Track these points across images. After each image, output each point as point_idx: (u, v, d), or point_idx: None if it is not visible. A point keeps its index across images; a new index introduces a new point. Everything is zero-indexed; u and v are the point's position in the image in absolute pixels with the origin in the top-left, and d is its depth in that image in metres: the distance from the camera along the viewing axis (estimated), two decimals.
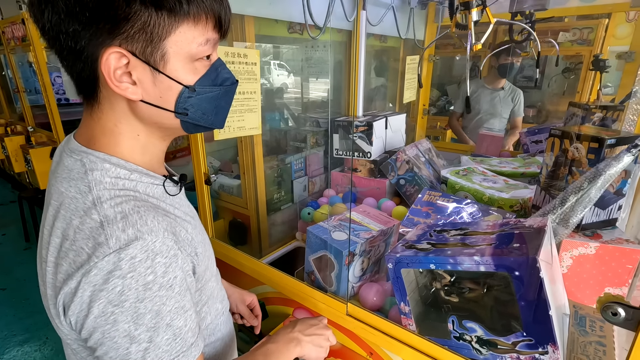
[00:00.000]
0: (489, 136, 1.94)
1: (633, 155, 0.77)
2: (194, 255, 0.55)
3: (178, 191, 0.60)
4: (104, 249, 0.45)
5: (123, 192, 0.50)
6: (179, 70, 0.50)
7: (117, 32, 0.45)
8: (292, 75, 2.12)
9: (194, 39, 0.49)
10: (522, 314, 0.63)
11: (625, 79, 1.54)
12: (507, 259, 0.62)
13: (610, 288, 0.83)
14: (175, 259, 0.50)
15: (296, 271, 1.05)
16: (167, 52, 0.48)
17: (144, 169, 0.54)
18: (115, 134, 0.52)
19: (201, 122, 0.55)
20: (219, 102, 0.56)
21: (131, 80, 0.48)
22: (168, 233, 0.50)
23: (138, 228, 0.47)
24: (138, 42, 0.46)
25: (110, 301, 0.45)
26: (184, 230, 0.54)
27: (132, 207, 0.48)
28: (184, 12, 0.47)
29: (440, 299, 0.78)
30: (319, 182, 1.76)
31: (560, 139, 0.89)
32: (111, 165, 0.51)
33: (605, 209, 0.85)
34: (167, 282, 0.48)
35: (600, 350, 0.70)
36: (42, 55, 2.70)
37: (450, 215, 1.16)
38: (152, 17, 0.45)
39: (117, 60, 0.46)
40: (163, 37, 0.47)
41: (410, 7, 1.77)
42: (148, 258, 0.46)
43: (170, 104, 0.51)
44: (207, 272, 0.62)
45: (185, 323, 0.50)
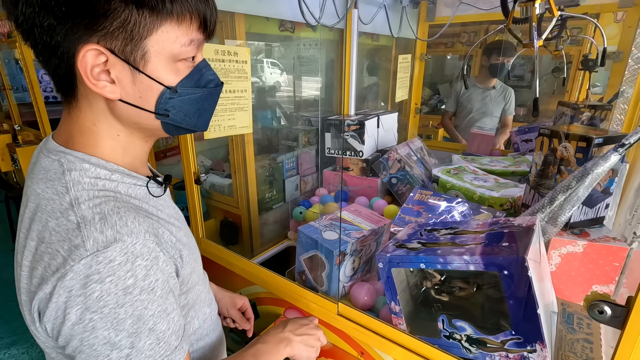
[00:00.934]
0: (480, 135, 1.95)
1: (620, 154, 0.77)
2: (177, 257, 0.53)
3: (162, 192, 0.58)
4: (80, 252, 0.43)
5: (103, 192, 0.48)
6: (160, 70, 0.48)
7: (95, 28, 0.43)
8: (284, 74, 2.11)
9: (177, 39, 0.47)
10: (511, 312, 0.63)
11: (613, 79, 1.56)
12: (496, 258, 0.62)
13: (597, 285, 0.84)
14: (157, 261, 0.48)
15: (287, 271, 1.05)
16: (148, 52, 0.46)
17: (125, 170, 0.53)
18: (95, 133, 0.50)
19: (183, 124, 0.53)
20: (202, 104, 0.54)
21: (109, 79, 0.46)
22: (149, 235, 0.48)
23: (117, 230, 0.45)
24: (117, 39, 0.44)
25: (87, 307, 0.43)
26: (168, 232, 0.52)
27: (112, 208, 0.47)
28: (167, 11, 0.45)
29: (430, 298, 0.78)
30: (311, 181, 1.75)
31: (549, 138, 0.90)
32: (90, 165, 0.49)
33: (593, 207, 0.86)
34: (148, 285, 0.46)
35: (587, 347, 0.71)
36: (28, 52, 2.64)
37: (441, 214, 1.16)
38: (133, 14, 0.43)
39: (94, 57, 0.44)
40: (144, 35, 0.45)
41: (402, 6, 1.77)
42: (128, 261, 0.45)
43: (150, 104, 0.49)
44: (194, 276, 0.60)
45: (169, 326, 0.48)
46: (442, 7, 1.91)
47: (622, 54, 1.54)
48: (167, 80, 0.49)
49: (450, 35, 2.89)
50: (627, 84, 1.11)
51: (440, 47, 3.00)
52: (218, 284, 1.24)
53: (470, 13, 1.96)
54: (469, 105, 2.28)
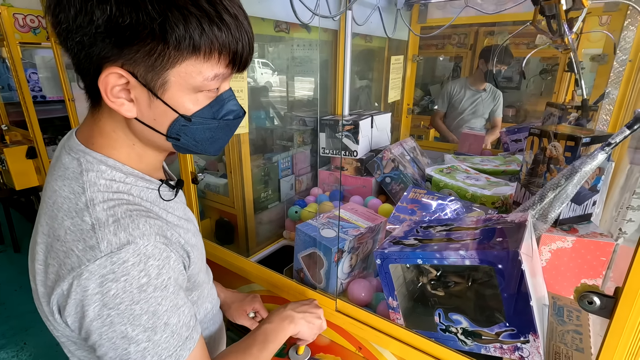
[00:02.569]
0: (471, 135, 1.99)
1: (607, 153, 0.81)
2: (185, 257, 0.56)
3: (173, 196, 0.61)
4: (95, 252, 0.45)
5: (117, 195, 0.51)
6: (177, 99, 0.49)
7: (122, 53, 0.45)
8: (279, 74, 2.12)
9: (200, 73, 0.48)
10: (505, 305, 0.65)
11: (598, 80, 1.61)
12: (491, 252, 0.64)
13: (586, 280, 0.87)
14: (168, 261, 0.51)
15: (285, 269, 1.06)
16: (169, 81, 0.47)
17: (140, 173, 0.55)
18: (113, 139, 0.53)
19: (193, 149, 0.55)
20: (216, 134, 0.55)
21: (129, 97, 0.48)
22: (160, 237, 0.50)
23: (130, 232, 0.47)
24: (140, 66, 0.46)
25: (105, 304, 0.45)
26: (176, 234, 0.55)
27: (125, 211, 0.49)
28: (193, 48, 0.45)
29: (427, 293, 0.80)
30: (306, 180, 1.77)
31: (539, 138, 0.93)
32: (107, 167, 0.51)
33: (581, 204, 0.89)
34: (161, 283, 0.49)
35: (577, 338, 0.74)
36: (16, 51, 2.59)
37: (435, 212, 1.19)
38: (159, 47, 0.44)
39: (116, 79, 0.46)
40: (167, 67, 0.46)
41: (397, 8, 1.80)
42: (141, 262, 0.47)
43: (163, 127, 0.51)
44: (200, 274, 0.63)
45: (179, 319, 0.51)
46: (434, 10, 1.94)
47: (607, 56, 1.60)
48: (184, 109, 0.50)
49: (440, 37, 2.93)
50: (612, 85, 1.16)
51: (432, 49, 3.05)
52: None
53: (461, 15, 2.01)
54: (460, 106, 2.33)
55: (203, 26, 0.45)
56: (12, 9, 2.55)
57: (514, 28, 2.54)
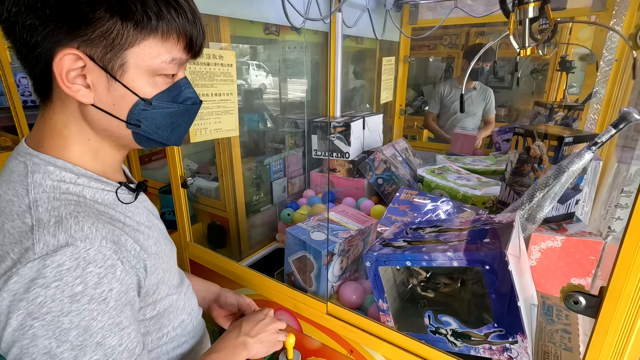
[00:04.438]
0: (463, 135, 2.00)
1: (593, 152, 0.81)
2: (140, 267, 0.51)
3: (132, 199, 0.57)
4: (29, 255, 0.41)
5: (64, 196, 0.47)
6: (136, 82, 0.48)
7: (77, 34, 0.43)
8: (270, 76, 2.11)
9: (159, 55, 0.48)
10: (493, 306, 0.65)
11: (588, 79, 1.63)
12: (478, 254, 0.65)
13: (575, 278, 0.87)
14: (113, 270, 0.46)
15: (276, 272, 1.05)
16: (127, 62, 0.47)
17: (94, 174, 0.52)
18: (65, 135, 0.50)
19: (154, 137, 0.53)
20: (177, 120, 0.54)
21: (85, 83, 0.47)
22: (107, 241, 0.46)
23: (71, 234, 0.43)
24: (98, 47, 0.45)
25: (29, 313, 0.41)
26: (132, 240, 0.50)
27: (70, 212, 0.45)
28: (152, 27, 0.46)
29: (416, 294, 0.80)
30: (298, 182, 1.76)
31: (524, 137, 0.93)
32: (55, 168, 0.48)
33: (564, 203, 0.90)
34: (99, 294, 0.44)
35: (565, 337, 0.74)
36: (5, 55, 2.56)
37: (426, 213, 1.19)
38: (117, 25, 0.44)
39: (72, 61, 0.45)
40: (125, 47, 0.46)
41: (386, 10, 1.81)
42: (78, 266, 0.42)
43: (122, 113, 0.49)
44: (162, 287, 0.57)
45: (121, 342, 0.46)
46: (424, 11, 1.95)
47: (596, 55, 1.61)
48: (143, 92, 0.49)
49: (432, 37, 2.95)
50: (600, 85, 1.17)
51: (424, 50, 3.06)
52: None
53: (451, 16, 2.02)
54: (452, 106, 2.34)
55: (160, 6, 0.46)
56: None
57: (505, 28, 2.57)
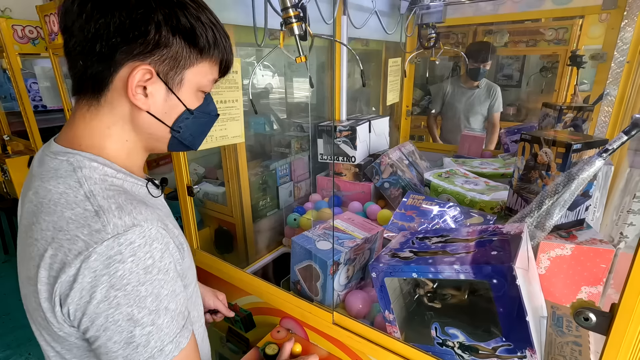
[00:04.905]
0: (470, 136, 1.97)
1: (604, 159, 0.79)
2: (180, 248, 0.58)
3: (160, 194, 0.64)
4: (102, 235, 0.46)
5: (113, 187, 0.53)
6: (186, 95, 0.57)
7: (153, 53, 0.51)
8: (275, 82, 2.11)
9: (206, 75, 0.58)
10: (501, 320, 0.64)
11: (599, 76, 1.59)
12: (485, 267, 0.64)
13: (586, 287, 0.86)
14: (168, 246, 0.53)
15: (282, 280, 1.06)
16: (185, 79, 0.56)
17: (127, 171, 0.58)
18: (105, 135, 0.55)
19: (186, 142, 0.62)
20: (204, 128, 0.64)
21: (145, 93, 0.53)
22: (160, 223, 0.53)
23: (134, 216, 0.49)
24: (166, 65, 0.53)
25: (112, 285, 0.46)
26: (172, 225, 0.58)
27: (125, 199, 0.51)
28: (210, 54, 0.56)
29: (423, 305, 0.79)
30: (304, 187, 1.76)
31: (530, 144, 0.92)
32: (98, 164, 0.53)
33: (574, 210, 0.88)
34: (164, 266, 0.51)
35: (576, 350, 0.73)
36: (16, 61, 2.61)
37: (433, 219, 1.18)
38: (185, 50, 0.53)
39: (142, 75, 0.51)
40: (187, 66, 0.55)
41: (401, 13, 1.80)
42: (146, 243, 0.49)
43: (170, 120, 0.57)
44: (190, 272, 0.65)
45: (176, 306, 0.53)
46: (431, 12, 1.93)
47: (607, 54, 1.58)
48: (190, 104, 0.58)
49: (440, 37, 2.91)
50: (611, 87, 1.14)
51: (430, 50, 3.02)
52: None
53: (457, 16, 1.99)
54: (455, 106, 2.30)
55: (217, 36, 0.56)
56: (10, 21, 2.57)
57: (512, 27, 2.53)
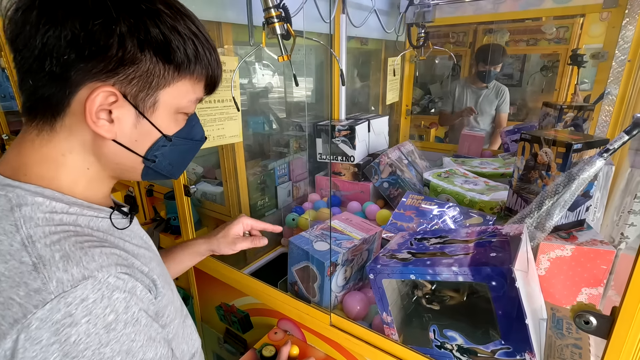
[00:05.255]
0: (470, 136, 1.96)
1: (605, 159, 0.78)
2: (152, 287, 0.50)
3: (127, 224, 0.55)
4: (42, 295, 0.38)
5: (60, 227, 0.44)
6: (162, 119, 0.49)
7: (117, 72, 0.44)
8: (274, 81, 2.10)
9: (187, 94, 0.50)
10: (500, 322, 0.63)
11: (599, 75, 1.58)
12: (484, 269, 0.63)
13: (586, 288, 0.85)
14: (134, 292, 0.45)
15: (280, 281, 1.05)
16: (159, 101, 0.48)
17: (85, 202, 0.49)
18: (59, 163, 0.47)
19: (163, 172, 0.54)
20: (186, 155, 0.56)
21: (109, 118, 0.46)
22: (120, 267, 0.44)
23: (84, 265, 0.41)
24: (134, 86, 0.45)
25: (66, 354, 0.38)
26: (139, 263, 0.49)
27: (73, 244, 0.42)
28: (190, 70, 0.48)
29: (421, 307, 0.78)
30: (303, 186, 1.75)
31: (530, 144, 0.91)
32: (44, 198, 0.45)
33: (574, 210, 0.87)
34: (131, 317, 0.43)
35: (576, 353, 0.72)
36: None
37: (432, 219, 1.17)
38: (158, 67, 0.45)
39: (104, 98, 0.44)
40: (161, 86, 0.47)
41: (400, 12, 1.79)
42: (104, 297, 0.41)
43: (142, 149, 0.50)
44: (170, 308, 0.56)
45: (156, 352, 0.46)
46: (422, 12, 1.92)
47: (607, 53, 1.57)
48: (166, 129, 0.50)
49: (440, 36, 2.90)
50: (612, 86, 1.13)
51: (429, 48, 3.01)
52: (211, 296, 1.24)
53: (457, 15, 1.98)
54: (465, 105, 2.30)
55: (198, 49, 0.48)
56: None
57: (513, 26, 2.51)
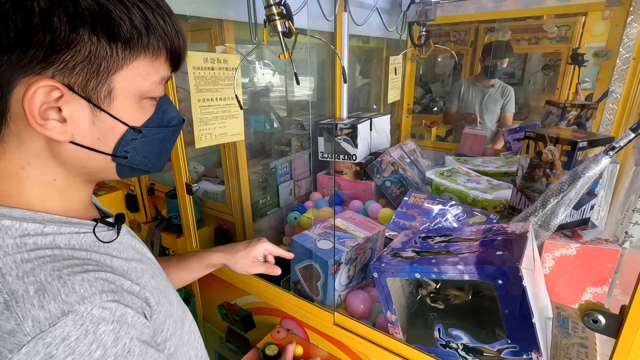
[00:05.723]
0: (472, 135, 1.96)
1: (610, 157, 0.78)
2: (145, 307, 0.45)
3: (115, 235, 0.50)
4: (17, 338, 0.34)
5: (35, 253, 0.39)
6: (125, 109, 0.42)
7: (53, 60, 0.36)
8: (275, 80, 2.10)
9: (148, 75, 0.42)
10: (506, 321, 0.63)
11: (602, 74, 1.57)
12: (490, 267, 0.62)
13: (591, 287, 0.84)
14: (124, 319, 0.40)
15: (282, 280, 1.04)
16: (115, 88, 0.41)
17: (62, 217, 0.44)
18: (21, 178, 0.41)
19: (140, 166, 0.48)
20: (164, 145, 0.49)
21: (60, 117, 0.39)
22: (107, 294, 0.39)
23: (62, 299, 0.36)
24: (79, 74, 0.38)
25: None
26: (129, 282, 0.44)
27: (50, 273, 0.37)
28: (142, 45, 0.40)
29: (426, 306, 0.78)
30: (304, 185, 1.74)
31: (535, 142, 0.90)
32: (13, 221, 0.39)
33: (579, 209, 0.86)
34: (122, 348, 0.39)
35: (582, 352, 0.71)
36: None
37: (435, 218, 1.16)
38: (102, 47, 0.38)
39: (46, 94, 0.37)
40: (112, 70, 0.40)
41: (402, 10, 1.79)
42: (88, 332, 0.36)
43: (108, 146, 0.43)
44: (170, 322, 0.51)
45: None
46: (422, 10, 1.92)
47: (610, 51, 1.56)
48: (132, 120, 0.44)
49: (441, 34, 2.90)
50: (616, 84, 1.12)
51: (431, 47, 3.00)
52: (213, 295, 1.23)
53: (458, 13, 1.97)
54: (470, 104, 2.30)
55: (149, 18, 0.40)
56: None
57: (515, 24, 2.51)
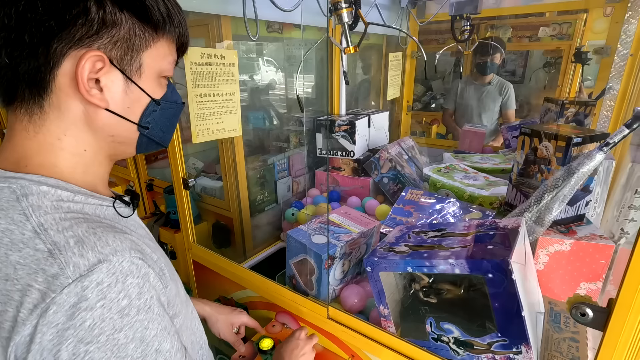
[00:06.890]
0: (471, 132, 1.95)
1: (605, 153, 0.78)
2: (162, 275, 0.49)
3: (131, 212, 0.55)
4: (60, 280, 0.38)
5: (70, 215, 0.43)
6: (150, 83, 0.50)
7: (101, 35, 0.43)
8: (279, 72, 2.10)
9: (166, 56, 0.50)
10: (496, 315, 0.63)
11: (602, 72, 1.57)
12: (481, 261, 0.62)
13: (585, 283, 0.84)
14: (147, 277, 0.44)
15: (278, 275, 1.05)
16: (144, 64, 0.48)
17: (87, 190, 0.48)
18: (56, 149, 0.46)
19: (156, 138, 0.55)
20: (173, 120, 0.57)
21: (98, 87, 0.45)
22: (134, 252, 0.44)
23: (99, 250, 0.40)
24: (119, 49, 0.45)
25: (80, 339, 0.38)
26: (149, 249, 0.48)
27: (86, 229, 0.42)
28: (165, 30, 0.48)
29: (419, 300, 0.78)
30: (302, 181, 1.75)
31: (530, 138, 0.90)
32: (49, 187, 0.44)
33: (574, 205, 0.86)
34: (144, 303, 0.42)
35: (573, 346, 0.72)
36: None
37: (432, 214, 1.16)
38: (137, 26, 0.46)
39: (92, 64, 0.43)
40: (143, 48, 0.47)
41: (402, 7, 1.78)
42: (118, 281, 0.40)
43: (135, 116, 0.50)
44: (177, 300, 0.54)
45: (172, 344, 0.45)
46: (431, 5, 1.91)
47: (610, 48, 1.55)
48: (154, 94, 0.51)
49: (442, 31, 2.89)
50: (614, 80, 1.12)
51: (432, 44, 3.00)
52: (210, 289, 1.24)
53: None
54: (467, 102, 2.29)
55: (169, 7, 0.48)
56: None
57: (515, 21, 2.50)
